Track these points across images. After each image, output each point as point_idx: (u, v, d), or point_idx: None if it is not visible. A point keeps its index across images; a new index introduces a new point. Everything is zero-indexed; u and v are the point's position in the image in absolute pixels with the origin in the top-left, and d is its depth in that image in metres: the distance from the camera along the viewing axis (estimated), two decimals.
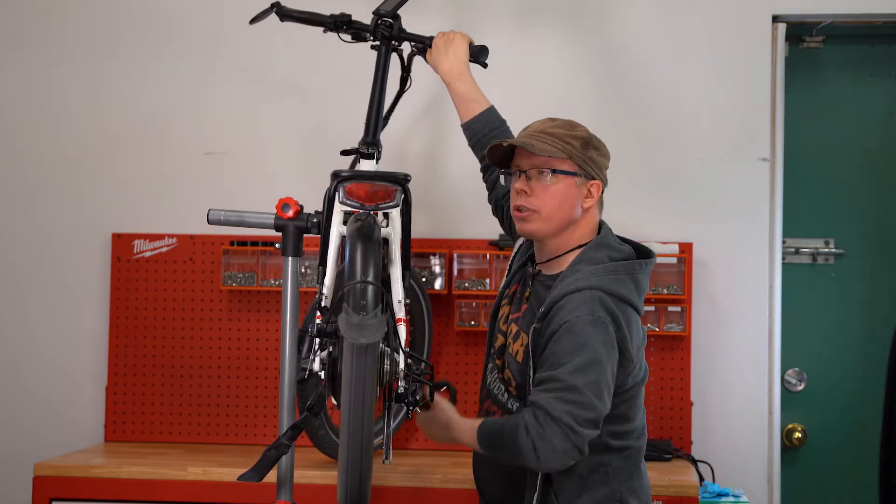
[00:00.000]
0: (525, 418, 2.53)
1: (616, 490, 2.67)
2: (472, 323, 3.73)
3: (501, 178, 2.85)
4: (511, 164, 2.78)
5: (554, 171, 2.68)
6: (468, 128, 3.11)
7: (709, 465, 3.66)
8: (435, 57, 3.14)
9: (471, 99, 3.10)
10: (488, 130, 3.06)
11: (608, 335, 2.58)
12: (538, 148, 2.67)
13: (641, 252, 2.79)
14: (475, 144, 3.10)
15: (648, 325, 3.65)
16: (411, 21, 3.19)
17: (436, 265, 3.73)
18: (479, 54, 3.16)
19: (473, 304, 3.73)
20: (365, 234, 2.54)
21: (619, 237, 2.81)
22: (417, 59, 3.22)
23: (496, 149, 2.77)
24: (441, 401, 2.76)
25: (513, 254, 2.97)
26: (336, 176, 2.68)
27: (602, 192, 2.76)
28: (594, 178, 2.73)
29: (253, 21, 3.23)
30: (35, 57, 3.95)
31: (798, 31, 3.85)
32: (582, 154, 2.70)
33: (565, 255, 2.74)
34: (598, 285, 2.62)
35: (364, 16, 3.15)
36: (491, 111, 3.10)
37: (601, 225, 2.79)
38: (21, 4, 3.96)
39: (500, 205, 3.06)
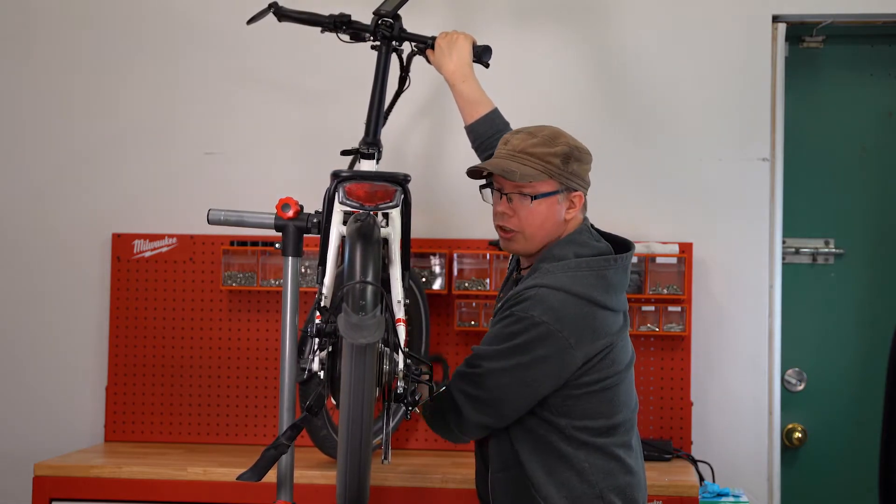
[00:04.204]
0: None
1: (595, 486, 2.65)
2: (472, 323, 3.72)
3: (482, 193, 2.81)
4: (493, 178, 2.76)
5: (535, 197, 2.68)
6: (472, 130, 3.10)
7: (709, 465, 3.65)
8: (438, 58, 3.13)
9: (475, 101, 3.09)
10: (492, 133, 3.05)
11: (532, 335, 2.60)
12: (518, 175, 2.65)
13: (621, 246, 2.77)
14: (479, 147, 3.10)
15: (648, 324, 3.65)
16: (411, 21, 3.19)
17: (436, 265, 3.73)
18: (482, 55, 3.15)
19: (473, 304, 3.72)
20: (365, 235, 2.54)
21: (599, 231, 2.79)
22: (416, 58, 3.22)
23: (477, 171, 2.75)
24: None
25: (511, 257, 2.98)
26: (336, 176, 2.67)
27: (585, 196, 2.76)
28: (576, 191, 2.73)
29: (250, 21, 3.22)
30: (34, 57, 3.95)
31: (798, 31, 3.85)
32: (563, 170, 2.68)
33: None
34: (549, 283, 2.62)
35: (364, 16, 3.15)
36: (495, 114, 3.09)
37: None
38: (23, 6, 3.96)
39: None
